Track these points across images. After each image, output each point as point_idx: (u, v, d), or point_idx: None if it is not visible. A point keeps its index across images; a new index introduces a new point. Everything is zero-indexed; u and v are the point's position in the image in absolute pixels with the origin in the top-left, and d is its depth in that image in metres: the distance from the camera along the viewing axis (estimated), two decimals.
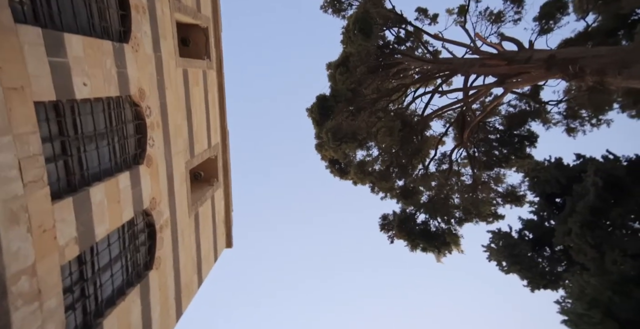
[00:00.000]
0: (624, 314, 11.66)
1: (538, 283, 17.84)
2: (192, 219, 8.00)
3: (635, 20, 16.80)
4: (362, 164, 11.81)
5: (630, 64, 9.52)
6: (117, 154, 5.85)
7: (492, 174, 13.56)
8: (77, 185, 5.06)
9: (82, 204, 5.08)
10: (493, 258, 17.55)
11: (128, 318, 6.29)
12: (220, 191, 9.14)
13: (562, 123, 14.46)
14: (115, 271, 6.13)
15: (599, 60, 10.04)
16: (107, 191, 5.59)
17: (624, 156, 15.82)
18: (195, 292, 8.12)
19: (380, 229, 11.42)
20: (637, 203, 14.87)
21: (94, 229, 5.38)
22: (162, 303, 7.21)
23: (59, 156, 4.71)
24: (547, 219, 19.54)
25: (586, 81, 10.33)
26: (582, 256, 15.06)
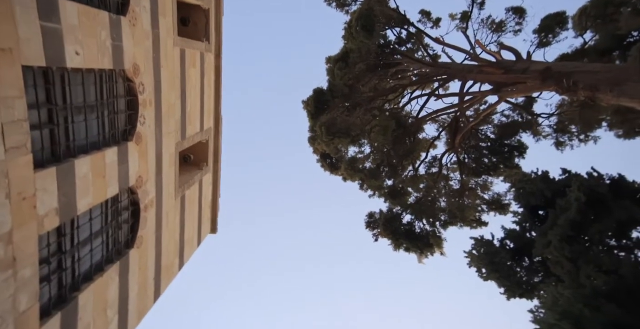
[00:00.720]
0: (592, 327, 11.91)
1: (514, 292, 18.14)
2: (178, 202, 7.90)
3: (630, 42, 17.07)
4: (353, 160, 11.80)
5: (622, 82, 9.64)
6: (106, 128, 5.74)
7: (479, 181, 13.67)
8: (61, 156, 4.95)
9: (66, 175, 4.97)
10: (473, 264, 17.81)
11: (104, 295, 6.20)
12: (209, 175, 9.05)
13: (551, 136, 14.63)
14: (95, 246, 6.02)
15: (592, 76, 10.16)
16: (93, 165, 5.48)
17: (607, 174, 16.20)
18: (175, 274, 8.03)
19: (366, 226, 11.44)
20: (616, 221, 15.19)
21: (76, 201, 5.27)
22: (141, 283, 7.12)
23: (44, 124, 4.59)
24: (529, 230, 19.88)
25: (578, 95, 10.43)
26: (558, 268, 15.36)
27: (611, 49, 16.26)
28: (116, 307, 6.49)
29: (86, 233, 5.80)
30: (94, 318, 5.94)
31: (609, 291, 13.33)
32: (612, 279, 13.36)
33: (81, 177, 5.28)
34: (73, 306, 5.47)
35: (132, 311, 6.89)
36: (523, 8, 13.40)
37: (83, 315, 5.69)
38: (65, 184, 4.99)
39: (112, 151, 5.83)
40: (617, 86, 9.79)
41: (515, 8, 13.37)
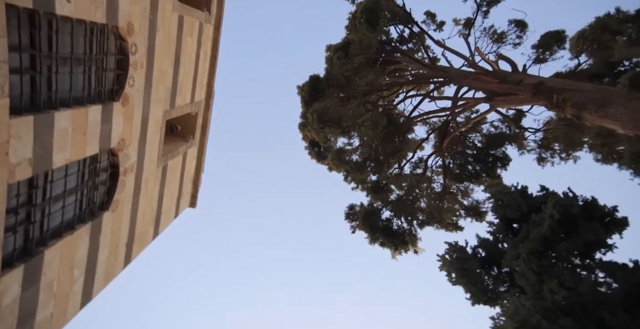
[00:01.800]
0: None
1: (479, 298, 18.58)
2: (160, 171, 7.74)
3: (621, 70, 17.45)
4: (341, 151, 11.76)
5: (607, 104, 9.80)
6: (92, 85, 5.55)
7: (461, 187, 13.80)
8: (41, 105, 4.76)
9: (44, 126, 4.79)
10: (444, 268, 18.12)
11: (72, 253, 6.05)
12: (195, 149, 8.89)
13: (535, 151, 14.85)
14: (67, 203, 5.86)
15: (581, 95, 10.29)
16: (74, 120, 5.30)
17: (582, 196, 16.69)
18: (148, 243, 7.90)
19: (345, 217, 11.45)
20: (583, 241, 15.63)
21: (52, 155, 5.10)
22: (112, 247, 6.98)
23: (26, 69, 4.40)
24: (501, 242, 20.30)
25: (566, 112, 10.57)
26: (524, 280, 15.71)
27: (602, 74, 16.58)
28: (83, 267, 6.35)
29: (60, 189, 5.62)
30: (59, 275, 5.79)
31: (567, 306, 13.78)
32: (572, 295, 13.79)
33: (60, 131, 5.10)
34: (38, 260, 5.32)
35: (99, 273, 6.76)
36: (525, 22, 13.48)
37: (47, 271, 5.55)
38: (42, 136, 4.81)
39: (96, 109, 5.65)
40: (602, 107, 9.94)
41: (517, 21, 13.43)
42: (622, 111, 9.62)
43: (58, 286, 5.80)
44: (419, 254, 10.65)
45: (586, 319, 13.09)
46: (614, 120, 9.71)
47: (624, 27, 18.66)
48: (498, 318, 16.27)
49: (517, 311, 15.14)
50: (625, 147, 18.61)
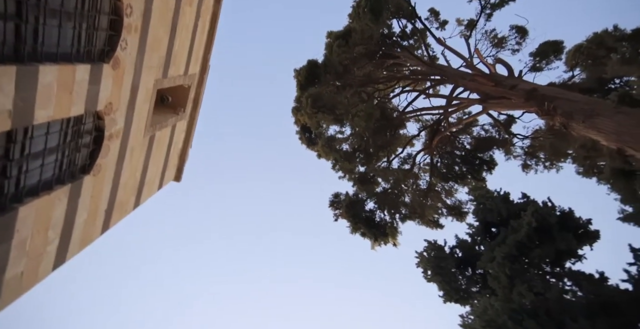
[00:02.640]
0: None
1: (451, 297, 19.00)
2: (146, 141, 7.57)
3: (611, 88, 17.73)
4: (332, 139, 11.69)
5: (594, 115, 9.90)
6: (82, 42, 5.34)
7: (446, 186, 13.90)
8: (25, 57, 4.57)
9: (27, 79, 4.60)
10: (421, 265, 18.43)
11: (48, 214, 5.90)
12: (184, 123, 8.71)
13: (521, 158, 15.03)
14: (47, 162, 5.68)
15: (571, 104, 10.36)
16: (60, 77, 5.11)
17: (559, 206, 17.11)
18: (128, 212, 7.76)
19: (329, 205, 11.44)
20: (556, 250, 16.04)
21: (34, 110, 4.92)
22: (91, 212, 6.83)
23: (11, 16, 4.19)
24: (479, 244, 20.69)
25: (555, 120, 10.65)
26: (496, 282, 16.08)
27: (593, 89, 16.80)
28: (59, 229, 6.21)
29: (40, 147, 5.45)
30: (32, 234, 5.65)
31: (533, 309, 14.20)
32: (539, 300, 14.21)
33: (44, 86, 4.91)
34: (11, 216, 5.17)
35: (75, 237, 6.62)
36: (526, 29, 13.48)
37: (21, 228, 5.40)
38: (24, 88, 4.62)
39: (85, 68, 5.45)
40: (589, 118, 10.04)
41: (518, 27, 13.43)
42: (608, 123, 9.73)
43: (31, 245, 5.67)
44: (397, 247, 10.74)
45: (549, 323, 13.50)
46: (599, 131, 9.82)
47: (619, 45, 18.85)
48: (467, 317, 16.65)
49: (485, 311, 15.50)
50: (607, 162, 18.96)
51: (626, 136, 9.35)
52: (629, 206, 19.17)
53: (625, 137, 9.35)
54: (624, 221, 19.49)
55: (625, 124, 9.48)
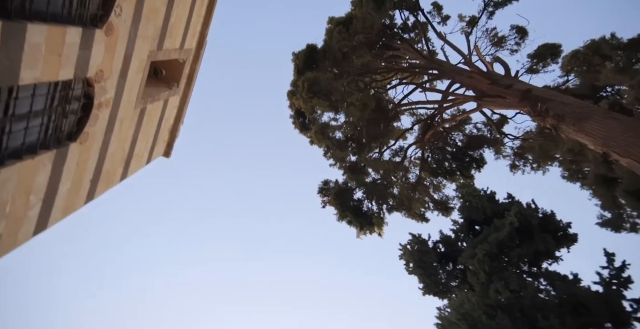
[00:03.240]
0: None
1: (431, 289, 19.41)
2: (137, 113, 7.41)
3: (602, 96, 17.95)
4: (325, 126, 11.62)
5: (585, 119, 9.98)
6: (74, 4, 5.14)
7: (434, 181, 13.99)
8: (12, 12, 4.38)
9: (14, 36, 4.42)
10: (404, 257, 18.72)
11: (31, 179, 5.76)
12: (177, 98, 8.54)
13: (510, 158, 15.18)
14: (32, 125, 5.52)
15: (563, 107, 10.44)
16: (49, 38, 4.92)
17: (542, 209, 17.49)
18: (114, 184, 7.64)
19: (318, 191, 11.43)
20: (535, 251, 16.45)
21: (20, 70, 4.74)
22: (75, 180, 6.70)
23: None
24: (462, 240, 21.07)
25: (546, 122, 10.73)
26: (475, 278, 16.45)
27: (586, 96, 16.96)
28: (42, 195, 6.08)
29: (24, 109, 5.28)
30: (13, 197, 5.52)
31: (507, 306, 14.58)
32: (514, 297, 14.59)
33: (32, 46, 4.73)
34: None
35: (58, 204, 6.50)
36: (526, 30, 13.44)
37: (1, 190, 5.27)
38: (10, 46, 4.44)
39: (76, 31, 5.26)
40: (579, 122, 10.13)
41: (519, 28, 13.38)
42: (596, 128, 9.83)
43: (11, 208, 5.54)
44: (382, 237, 10.82)
45: (521, 319, 13.87)
46: (588, 135, 9.92)
47: (615, 54, 18.99)
48: (444, 309, 17.03)
49: (462, 305, 15.86)
50: (591, 168, 19.28)
51: (612, 141, 9.47)
52: (607, 212, 19.59)
53: (612, 142, 9.47)
54: (602, 226, 19.96)
55: (613, 129, 9.58)
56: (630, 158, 8.97)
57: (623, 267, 15.15)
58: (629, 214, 19.01)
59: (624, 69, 19.96)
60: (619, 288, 14.63)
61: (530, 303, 14.59)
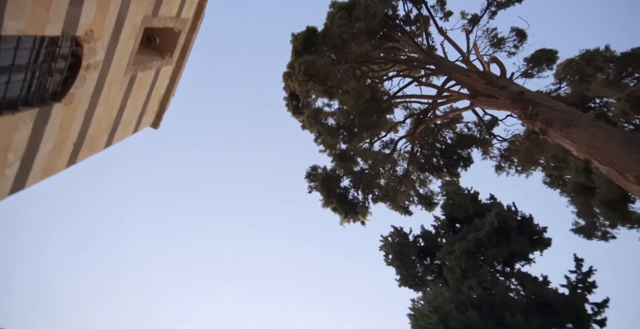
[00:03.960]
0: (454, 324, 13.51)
1: (407, 282, 19.85)
2: (127, 79, 7.18)
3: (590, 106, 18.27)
4: (318, 111, 11.51)
5: (572, 126, 10.12)
6: None
7: (421, 176, 14.10)
8: None
9: None
10: (384, 249, 19.03)
11: (10, 136, 5.56)
12: (169, 69, 8.31)
13: (496, 159, 15.37)
14: (14, 80, 5.30)
15: (553, 112, 10.55)
16: None
17: (521, 212, 17.96)
18: (98, 150, 7.44)
19: (306, 176, 11.40)
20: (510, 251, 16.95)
21: (4, 19, 4.51)
22: (58, 142, 6.49)
23: None
24: (442, 237, 21.48)
25: (535, 125, 10.85)
26: (450, 274, 16.89)
27: (575, 105, 17.22)
28: (21, 153, 5.88)
29: (7, 61, 5.05)
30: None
31: (478, 302, 15.05)
32: (485, 294, 15.07)
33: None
34: None
35: (38, 165, 6.31)
36: (526, 33, 13.47)
37: None
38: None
39: None
40: (566, 127, 10.27)
41: (519, 30, 13.39)
42: (582, 135, 9.99)
43: None
44: (365, 226, 10.91)
45: (490, 315, 14.34)
46: (573, 141, 10.08)
47: (607, 66, 19.27)
48: (417, 301, 17.45)
49: (435, 298, 16.26)
50: (572, 176, 19.73)
51: (595, 148, 9.64)
52: (582, 220, 20.18)
53: (594, 150, 9.64)
54: (575, 233, 20.59)
55: (597, 138, 9.75)
56: (610, 166, 9.15)
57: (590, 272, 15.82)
58: (602, 223, 19.62)
59: (614, 82, 20.29)
60: (583, 291, 15.29)
61: (500, 301, 15.06)
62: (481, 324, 14.18)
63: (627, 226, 19.33)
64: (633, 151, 8.74)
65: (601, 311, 14.86)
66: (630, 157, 8.78)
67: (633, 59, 19.67)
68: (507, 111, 11.20)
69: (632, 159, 8.65)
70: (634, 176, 8.40)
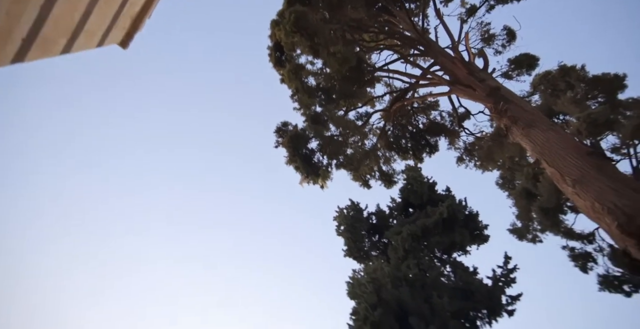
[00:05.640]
0: (386, 295, 14.55)
1: (352, 253, 20.85)
2: None
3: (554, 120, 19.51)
4: (301, 67, 11.19)
5: (533, 126, 10.66)
6: None
7: (387, 154, 14.42)
8: None
9: None
10: (338, 219, 19.68)
11: None
12: None
13: (460, 151, 16.07)
14: None
15: (520, 111, 11.03)
16: None
17: (470, 207, 19.22)
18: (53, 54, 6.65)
19: (275, 130, 11.21)
20: (451, 241, 18.26)
21: None
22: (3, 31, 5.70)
23: None
24: (394, 218, 22.61)
25: (501, 121, 11.33)
26: (393, 253, 17.93)
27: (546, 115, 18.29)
28: None
29: None
30: None
31: (413, 281, 16.20)
32: (420, 275, 16.29)
33: None
34: None
35: None
36: (516, 34, 13.79)
37: None
38: None
39: None
40: (528, 127, 10.82)
41: (510, 30, 13.67)
42: (539, 136, 10.57)
43: None
44: (323, 190, 11.06)
45: (420, 293, 15.54)
46: (530, 141, 10.66)
47: (578, 85, 20.44)
48: (358, 272, 18.43)
49: (375, 271, 17.27)
50: (522, 181, 21.25)
51: (547, 150, 10.27)
52: (519, 222, 22.00)
53: (546, 151, 10.27)
54: (510, 232, 22.50)
55: (551, 141, 10.36)
56: (555, 169, 9.81)
57: (513, 269, 17.65)
58: (534, 228, 21.54)
59: (579, 101, 21.64)
60: (504, 285, 17.08)
61: (431, 283, 16.34)
62: (410, 299, 15.35)
63: (554, 233, 21.38)
64: (577, 158, 9.40)
65: (513, 303, 16.75)
66: (574, 162, 9.44)
67: (600, 83, 20.98)
68: (481, 103, 11.59)
69: (575, 165, 9.31)
70: (572, 179, 9.07)
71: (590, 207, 8.48)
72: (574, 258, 20.11)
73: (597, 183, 8.65)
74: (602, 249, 19.86)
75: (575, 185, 9.04)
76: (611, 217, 7.55)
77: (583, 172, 9.03)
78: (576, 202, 9.49)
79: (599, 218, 8.33)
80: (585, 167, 9.12)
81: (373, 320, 14.34)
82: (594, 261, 19.54)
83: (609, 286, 18.78)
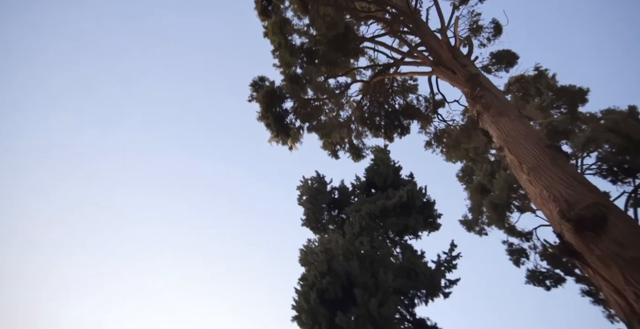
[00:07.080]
0: (337, 267, 15.07)
1: (310, 224, 21.24)
2: None
3: None
4: (287, 21, 10.67)
5: (503, 115, 10.98)
6: None
7: (360, 128, 14.43)
8: None
9: None
10: (301, 189, 19.79)
11: None
12: None
13: (429, 136, 16.44)
14: None
15: (494, 99, 11.32)
16: None
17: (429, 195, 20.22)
18: None
19: (251, 84, 10.72)
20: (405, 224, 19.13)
21: None
22: None
23: None
24: (356, 196, 23.12)
25: (475, 107, 11.59)
26: (349, 228, 18.42)
27: None
28: None
29: None
30: None
31: (363, 256, 16.83)
32: (372, 251, 16.96)
33: None
34: None
35: None
36: (502, 29, 14.03)
37: None
38: None
39: None
40: (498, 115, 11.14)
41: (497, 24, 13.88)
42: (507, 124, 10.92)
43: None
44: (292, 151, 10.86)
45: (368, 268, 16.18)
46: (498, 128, 11.00)
47: (546, 92, 21.44)
48: (313, 242, 18.75)
49: (329, 242, 17.64)
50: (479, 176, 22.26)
51: (511, 139, 10.66)
52: (470, 214, 23.23)
53: (510, 139, 10.66)
54: (461, 223, 23.73)
55: (517, 130, 10.75)
56: (515, 156, 10.23)
57: (456, 256, 18.85)
58: (482, 221, 22.88)
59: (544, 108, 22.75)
60: (445, 269, 18.26)
61: (380, 260, 17.03)
62: (359, 273, 15.89)
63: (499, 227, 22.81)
64: (537, 148, 9.83)
65: (451, 286, 18.00)
66: (533, 152, 9.87)
67: (566, 94, 22.18)
68: (459, 87, 11.75)
69: (534, 154, 9.75)
70: (528, 167, 9.52)
71: (538, 194, 8.93)
72: (510, 253, 21.71)
73: (549, 173, 9.10)
74: (535, 247, 21.55)
75: (530, 173, 9.48)
76: (555, 204, 7.97)
77: (539, 161, 9.47)
78: (527, 189, 9.96)
79: (544, 204, 8.79)
80: (542, 158, 9.57)
81: (320, 287, 14.72)
82: (526, 256, 21.22)
83: (534, 280, 20.58)
